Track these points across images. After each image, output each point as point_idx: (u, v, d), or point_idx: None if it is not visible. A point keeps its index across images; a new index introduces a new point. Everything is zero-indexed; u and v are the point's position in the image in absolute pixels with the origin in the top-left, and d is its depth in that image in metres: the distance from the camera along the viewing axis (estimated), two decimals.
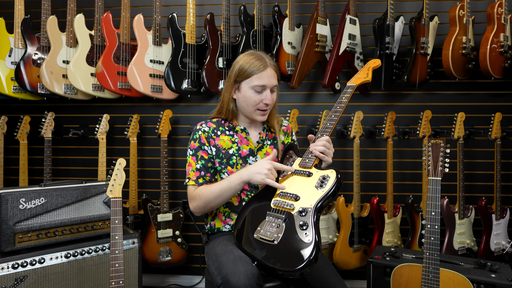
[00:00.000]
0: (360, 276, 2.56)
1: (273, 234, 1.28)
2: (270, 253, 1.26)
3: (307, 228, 1.25)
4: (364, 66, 1.67)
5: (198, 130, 1.58)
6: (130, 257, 1.99)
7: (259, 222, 1.35)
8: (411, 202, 2.33)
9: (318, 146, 1.44)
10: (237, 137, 1.60)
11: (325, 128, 1.50)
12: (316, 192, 1.33)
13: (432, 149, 1.54)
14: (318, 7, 2.33)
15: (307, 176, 1.40)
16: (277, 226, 1.30)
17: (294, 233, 1.26)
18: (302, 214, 1.29)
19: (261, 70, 1.50)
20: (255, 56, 1.54)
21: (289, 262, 1.21)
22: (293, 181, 1.42)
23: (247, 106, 1.55)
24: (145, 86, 2.39)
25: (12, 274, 1.66)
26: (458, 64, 2.30)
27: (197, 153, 1.55)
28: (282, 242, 1.26)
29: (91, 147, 2.68)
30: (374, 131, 2.54)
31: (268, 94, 1.52)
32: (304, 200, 1.33)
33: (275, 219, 1.32)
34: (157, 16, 2.41)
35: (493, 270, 1.76)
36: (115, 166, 1.62)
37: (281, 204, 1.35)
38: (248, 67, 1.51)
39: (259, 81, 1.50)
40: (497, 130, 2.30)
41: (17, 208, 1.72)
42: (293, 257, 1.21)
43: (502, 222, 2.33)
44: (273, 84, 1.53)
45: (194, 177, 1.54)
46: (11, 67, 2.41)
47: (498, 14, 2.27)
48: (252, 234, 1.33)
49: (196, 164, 1.54)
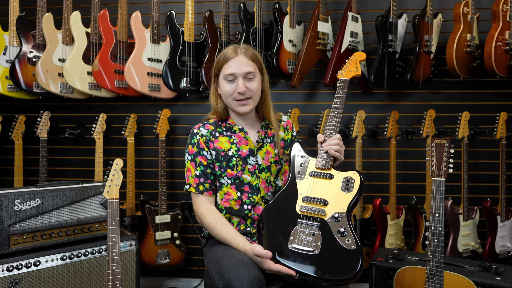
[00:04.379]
0: (362, 279, 2.54)
1: (311, 243, 1.25)
2: (313, 263, 1.23)
3: (347, 235, 1.23)
4: (350, 59, 1.63)
5: (196, 134, 1.54)
6: (128, 259, 1.97)
7: (289, 232, 1.30)
8: (415, 203, 2.31)
9: (333, 146, 1.40)
10: (235, 137, 1.56)
11: (332, 125, 1.46)
12: (344, 195, 1.31)
13: (436, 149, 1.54)
14: (319, 4, 2.32)
15: (329, 179, 1.37)
16: (312, 234, 1.27)
17: (334, 240, 1.24)
18: (338, 220, 1.27)
19: (230, 58, 1.47)
20: (232, 47, 1.51)
21: (339, 271, 1.19)
22: (315, 185, 1.38)
23: (225, 99, 1.52)
24: (142, 85, 2.36)
25: (7, 277, 1.64)
26: (462, 63, 2.28)
27: (195, 158, 1.52)
28: (324, 251, 1.23)
29: (87, 147, 2.66)
30: (376, 130, 2.52)
31: (240, 82, 1.47)
32: (334, 205, 1.30)
33: (308, 226, 1.29)
34: (155, 14, 2.39)
35: (498, 273, 1.74)
36: (112, 166, 1.61)
37: (310, 211, 1.31)
38: (220, 57, 1.50)
39: (228, 69, 1.47)
40: (502, 130, 2.28)
41: (12, 210, 1.71)
42: (342, 265, 1.20)
43: (507, 224, 2.32)
44: (244, 71, 1.47)
45: (194, 184, 1.51)
46: (5, 65, 2.39)
47: (504, 11, 2.24)
48: (286, 246, 1.28)
49: (196, 171, 1.51)
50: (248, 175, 1.53)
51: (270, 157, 1.58)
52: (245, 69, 1.47)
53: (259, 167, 1.55)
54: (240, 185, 1.53)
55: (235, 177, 1.52)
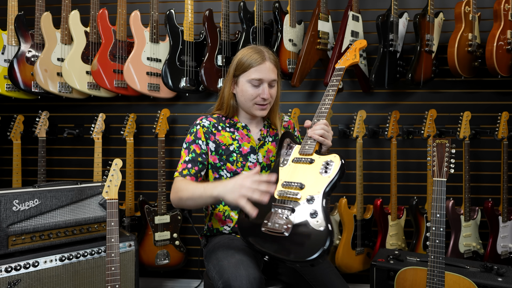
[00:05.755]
0: (363, 280, 2.54)
1: (282, 226, 1.25)
2: (281, 245, 1.22)
3: (317, 216, 1.21)
4: (350, 47, 1.62)
5: (197, 124, 1.55)
6: (127, 260, 1.96)
7: (265, 215, 1.31)
8: (416, 203, 2.30)
9: (317, 130, 1.41)
10: (238, 134, 1.57)
11: (320, 112, 1.48)
12: (322, 178, 1.30)
13: (437, 149, 1.53)
14: (319, 3, 2.31)
15: (309, 163, 1.36)
16: (285, 217, 1.26)
17: (305, 222, 1.22)
18: (310, 202, 1.26)
19: (259, 63, 1.48)
20: (254, 49, 1.51)
21: (303, 253, 1.18)
22: (295, 170, 1.38)
23: (245, 101, 1.52)
24: (142, 85, 2.35)
25: (5, 278, 1.63)
26: (463, 62, 2.27)
27: (190, 146, 1.52)
28: (293, 233, 1.22)
29: (86, 147, 2.65)
30: (377, 130, 2.51)
31: (265, 88, 1.48)
32: (310, 187, 1.29)
33: (282, 210, 1.28)
34: (154, 13, 2.38)
35: (500, 274, 1.74)
36: (111, 166, 1.60)
37: (286, 194, 1.31)
38: (246, 60, 1.49)
39: (256, 75, 1.47)
40: (504, 130, 2.27)
41: (10, 210, 1.70)
42: (307, 247, 1.18)
43: (509, 225, 2.31)
44: (271, 78, 1.49)
45: (180, 169, 1.49)
46: (4, 65, 2.38)
47: (505, 10, 2.23)
48: (260, 228, 1.29)
49: (186, 157, 1.51)
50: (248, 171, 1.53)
51: (271, 155, 1.60)
52: (272, 76, 1.50)
53: (260, 165, 1.57)
54: None
55: (234, 172, 1.53)
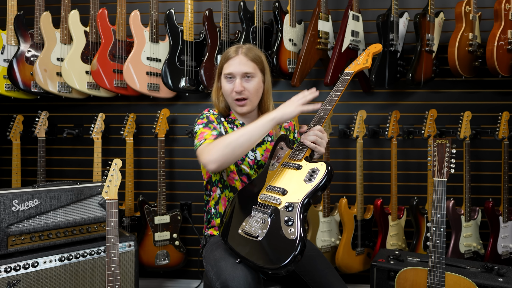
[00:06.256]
0: (363, 280, 2.53)
1: (258, 230, 1.25)
2: (253, 249, 1.22)
3: (292, 224, 1.20)
4: (364, 51, 1.59)
5: (206, 113, 1.56)
6: (126, 260, 1.96)
7: (245, 217, 1.31)
8: (416, 204, 2.30)
9: (310, 136, 1.39)
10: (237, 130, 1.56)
11: (319, 118, 1.45)
12: (304, 186, 1.28)
13: (437, 149, 1.53)
14: (320, 3, 2.30)
15: (297, 169, 1.35)
16: (262, 221, 1.26)
17: (279, 229, 1.22)
18: (289, 209, 1.25)
19: (231, 57, 1.48)
20: (235, 47, 1.52)
21: (272, 259, 1.18)
22: (282, 174, 1.37)
23: (226, 98, 1.53)
24: (141, 84, 2.35)
25: (5, 278, 1.63)
26: (464, 62, 2.27)
27: (208, 125, 1.49)
28: (266, 238, 1.22)
29: (86, 147, 2.65)
30: (377, 130, 2.51)
31: (237, 81, 1.47)
32: (292, 194, 1.29)
33: (261, 214, 1.28)
34: (154, 12, 2.37)
35: (500, 274, 1.73)
36: (111, 166, 1.60)
37: (267, 199, 1.31)
38: (223, 57, 1.51)
39: (228, 69, 1.48)
40: (505, 130, 2.27)
41: (10, 210, 1.70)
42: (277, 253, 1.18)
43: (509, 225, 2.30)
44: (242, 71, 1.47)
45: (201, 138, 1.43)
46: (3, 64, 2.38)
47: (506, 10, 2.23)
48: (237, 230, 1.30)
49: (212, 131, 1.45)
50: (247, 166, 1.54)
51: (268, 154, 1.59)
52: (244, 69, 1.47)
53: (258, 162, 1.57)
54: (239, 174, 1.54)
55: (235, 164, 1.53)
